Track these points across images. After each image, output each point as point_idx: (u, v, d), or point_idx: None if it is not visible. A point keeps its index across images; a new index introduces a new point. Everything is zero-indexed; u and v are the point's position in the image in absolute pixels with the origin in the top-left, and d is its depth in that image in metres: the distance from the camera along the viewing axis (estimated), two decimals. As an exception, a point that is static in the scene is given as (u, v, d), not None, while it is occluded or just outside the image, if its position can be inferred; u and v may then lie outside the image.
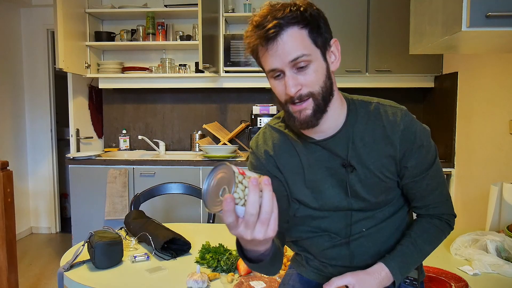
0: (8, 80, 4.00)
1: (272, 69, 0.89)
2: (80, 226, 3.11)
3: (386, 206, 1.03)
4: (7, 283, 2.10)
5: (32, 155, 4.27)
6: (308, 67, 0.88)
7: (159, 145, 3.51)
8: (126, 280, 1.36)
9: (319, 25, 0.89)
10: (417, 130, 0.97)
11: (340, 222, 1.03)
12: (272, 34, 0.84)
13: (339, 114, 0.98)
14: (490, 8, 1.24)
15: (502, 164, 2.34)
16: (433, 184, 1.02)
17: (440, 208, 1.05)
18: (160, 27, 3.46)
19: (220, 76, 3.32)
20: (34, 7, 4.06)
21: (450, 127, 2.92)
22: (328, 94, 0.92)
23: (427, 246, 1.02)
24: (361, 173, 0.98)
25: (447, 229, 1.07)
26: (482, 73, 2.58)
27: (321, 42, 0.90)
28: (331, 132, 0.98)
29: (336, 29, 0.99)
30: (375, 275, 0.95)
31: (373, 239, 1.03)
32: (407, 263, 0.99)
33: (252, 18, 0.88)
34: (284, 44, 0.85)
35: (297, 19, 0.86)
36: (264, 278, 1.34)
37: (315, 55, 0.89)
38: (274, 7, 0.87)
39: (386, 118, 0.97)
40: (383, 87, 3.20)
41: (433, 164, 1.01)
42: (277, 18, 0.84)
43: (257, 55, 0.91)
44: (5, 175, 2.08)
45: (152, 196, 2.20)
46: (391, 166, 0.98)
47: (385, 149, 0.97)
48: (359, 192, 0.99)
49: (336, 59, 0.95)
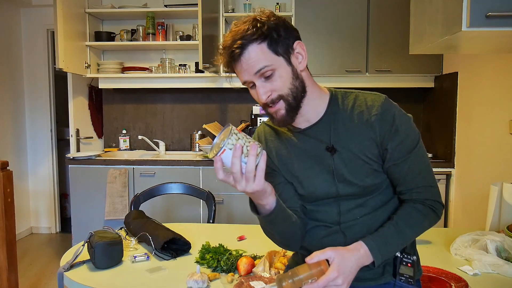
0: (8, 80, 4.00)
1: (244, 82, 1.03)
2: (80, 226, 3.11)
3: (377, 194, 1.09)
4: (7, 283, 2.11)
5: (32, 155, 4.27)
6: (273, 74, 0.99)
7: (159, 145, 3.51)
8: (126, 280, 1.36)
9: (278, 35, 0.99)
10: (395, 114, 1.04)
11: (332, 210, 1.09)
12: (237, 54, 0.98)
13: (319, 104, 1.08)
14: (490, 8, 1.24)
15: (502, 164, 2.34)
16: (415, 168, 1.06)
17: (423, 194, 1.08)
18: (160, 27, 3.46)
19: (220, 76, 3.32)
20: (34, 7, 4.06)
21: (450, 127, 2.92)
22: (299, 92, 1.02)
23: (408, 229, 1.05)
24: (345, 156, 1.05)
25: (432, 215, 1.08)
26: (482, 73, 2.58)
27: (282, 50, 1.00)
28: (313, 120, 1.08)
29: (336, 29, 1.01)
30: (354, 251, 0.99)
31: (367, 226, 1.07)
32: (386, 243, 1.02)
33: (224, 38, 1.02)
34: (247, 61, 0.98)
35: (255, 35, 0.97)
36: (264, 278, 1.34)
37: (278, 63, 0.99)
38: (237, 27, 0.99)
39: (365, 104, 1.06)
40: (383, 87, 3.20)
41: (414, 148, 1.05)
42: (238, 38, 0.97)
43: (232, 70, 1.04)
44: (5, 175, 2.08)
45: (152, 196, 2.20)
46: (373, 148, 1.05)
47: (366, 132, 1.04)
48: (346, 176, 1.06)
49: (303, 58, 1.04)
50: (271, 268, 1.40)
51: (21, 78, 4.18)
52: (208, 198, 2.17)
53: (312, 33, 3.11)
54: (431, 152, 3.21)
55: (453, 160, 2.88)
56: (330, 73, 3.17)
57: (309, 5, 3.12)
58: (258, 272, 1.38)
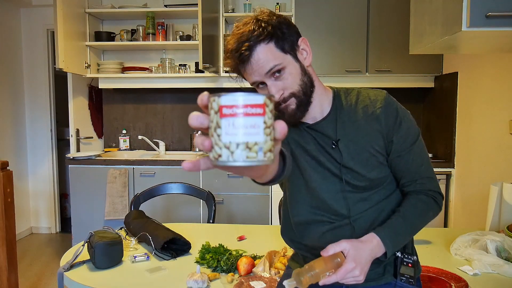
0: (8, 80, 4.00)
1: (254, 82, 1.04)
2: (80, 226, 3.11)
3: (381, 188, 1.10)
4: (7, 283, 2.11)
5: (32, 155, 4.27)
6: (283, 72, 1.01)
7: (159, 145, 3.51)
8: (126, 280, 1.36)
9: (282, 32, 1.00)
10: (397, 107, 1.08)
11: (339, 204, 1.09)
12: (246, 56, 0.98)
13: (325, 100, 1.10)
14: (490, 8, 1.24)
15: (502, 164, 2.34)
16: (418, 160, 1.09)
17: (426, 185, 1.10)
18: (160, 27, 3.46)
19: (220, 76, 3.32)
20: (34, 7, 4.06)
21: (450, 127, 2.92)
22: (308, 87, 1.04)
23: (416, 219, 1.07)
24: (352, 150, 1.06)
25: (435, 206, 1.11)
26: (482, 73, 2.58)
27: (289, 47, 1.01)
28: (319, 117, 1.09)
29: (336, 29, 1.02)
30: (367, 243, 0.99)
31: (371, 219, 1.08)
32: (397, 234, 1.03)
33: (228, 41, 1.02)
34: (257, 62, 0.99)
35: (261, 36, 0.97)
36: (264, 278, 1.34)
37: (286, 61, 1.01)
38: (239, 28, 1.00)
39: (369, 98, 1.09)
40: (383, 87, 3.15)
41: (416, 140, 1.09)
42: (246, 40, 0.97)
43: (239, 72, 1.05)
44: (5, 175, 2.08)
45: (152, 196, 2.20)
46: (379, 140, 1.07)
47: (372, 124, 1.06)
48: (353, 168, 1.06)
49: (308, 54, 1.06)
50: (271, 268, 1.40)
51: (21, 78, 4.18)
52: (208, 198, 2.17)
53: (312, 33, 3.11)
54: (431, 152, 3.21)
55: (453, 160, 2.88)
56: (330, 73, 3.17)
57: (309, 5, 3.12)
58: (258, 272, 1.38)
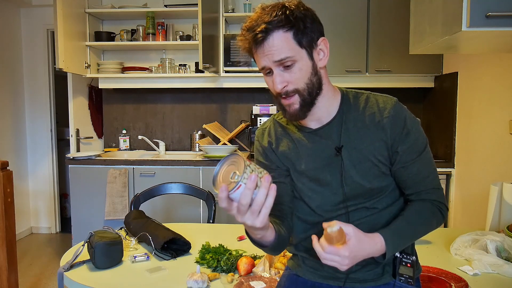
0: (8, 80, 4.00)
1: (262, 67, 1.00)
2: (80, 226, 3.11)
3: (383, 196, 1.07)
4: (7, 283, 2.11)
5: (32, 155, 4.27)
6: (293, 65, 0.97)
7: (159, 145, 3.51)
8: (126, 280, 1.36)
9: (305, 26, 0.97)
10: (406, 116, 1.04)
11: (339, 210, 1.07)
12: (260, 38, 0.94)
13: (331, 103, 1.07)
14: (490, 8, 1.24)
15: (502, 164, 2.34)
16: (424, 171, 1.06)
17: (432, 195, 1.08)
18: (160, 27, 3.46)
19: (220, 76, 3.32)
20: (34, 7, 4.06)
21: (450, 127, 2.92)
22: (315, 89, 1.01)
23: (420, 226, 1.05)
24: (355, 157, 1.04)
25: (439, 216, 1.08)
26: (482, 73, 2.58)
27: (307, 42, 0.98)
28: (325, 120, 1.07)
29: (336, 29, 1.02)
30: (370, 240, 0.96)
31: (370, 225, 1.05)
32: (400, 237, 1.01)
33: (245, 20, 0.98)
34: (270, 47, 0.95)
35: (282, 22, 0.94)
36: (264, 278, 1.34)
37: (300, 55, 0.98)
38: (264, 11, 0.96)
39: (377, 106, 1.05)
40: (383, 87, 3.20)
41: (423, 151, 1.06)
42: (264, 22, 0.94)
43: (251, 53, 1.01)
44: (5, 175, 2.08)
45: (152, 196, 2.20)
46: (383, 150, 1.04)
47: (377, 134, 1.03)
48: (354, 177, 1.04)
49: (324, 56, 1.04)
50: (271, 268, 1.40)
51: (21, 78, 4.18)
52: (208, 198, 2.17)
53: (312, 33, 3.11)
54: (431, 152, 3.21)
55: (453, 160, 2.88)
56: (330, 73, 3.06)
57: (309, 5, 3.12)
58: (258, 272, 1.38)
